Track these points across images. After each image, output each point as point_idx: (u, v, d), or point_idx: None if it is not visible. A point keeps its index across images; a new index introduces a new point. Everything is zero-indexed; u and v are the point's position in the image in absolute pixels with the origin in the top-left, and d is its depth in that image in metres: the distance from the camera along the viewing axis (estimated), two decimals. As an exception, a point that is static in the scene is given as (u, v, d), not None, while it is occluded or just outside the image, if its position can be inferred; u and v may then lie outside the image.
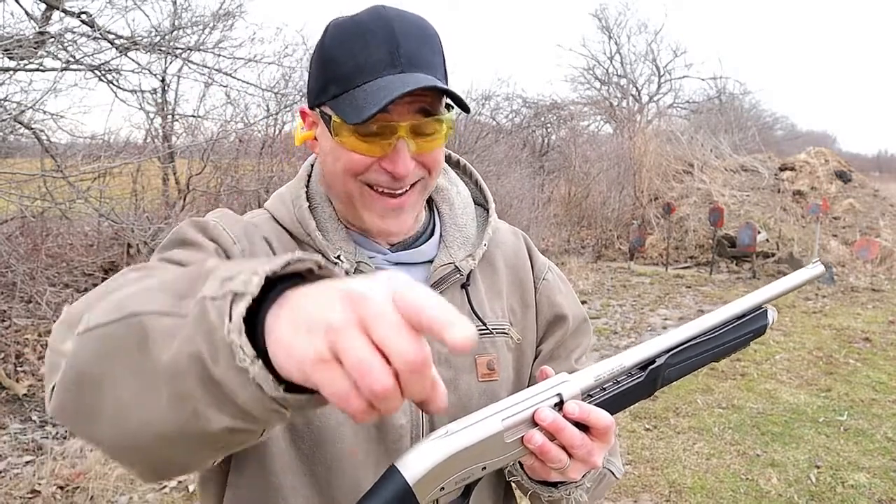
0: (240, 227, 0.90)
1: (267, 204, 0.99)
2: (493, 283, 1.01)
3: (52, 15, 5.14)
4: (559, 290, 1.07)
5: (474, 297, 0.97)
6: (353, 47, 0.82)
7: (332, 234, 0.92)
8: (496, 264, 1.03)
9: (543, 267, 1.08)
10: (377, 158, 0.85)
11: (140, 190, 6.55)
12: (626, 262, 11.10)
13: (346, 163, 0.85)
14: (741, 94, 22.71)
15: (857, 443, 4.20)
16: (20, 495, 3.29)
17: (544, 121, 16.20)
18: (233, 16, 5.99)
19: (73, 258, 5.72)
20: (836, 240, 10.88)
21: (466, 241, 0.99)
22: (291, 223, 0.93)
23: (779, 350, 6.20)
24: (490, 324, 0.97)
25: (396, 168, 0.84)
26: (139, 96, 5.87)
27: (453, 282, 0.95)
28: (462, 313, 0.91)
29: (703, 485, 3.65)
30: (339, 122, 0.83)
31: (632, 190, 12.89)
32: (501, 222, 1.09)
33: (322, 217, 0.94)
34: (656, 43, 26.00)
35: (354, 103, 0.81)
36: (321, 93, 0.86)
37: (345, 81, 0.82)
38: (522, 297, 1.03)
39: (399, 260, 0.95)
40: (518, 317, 1.02)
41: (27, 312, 5.13)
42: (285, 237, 0.93)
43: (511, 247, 1.06)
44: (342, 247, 0.91)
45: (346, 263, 0.89)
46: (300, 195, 0.94)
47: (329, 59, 0.84)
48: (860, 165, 19.78)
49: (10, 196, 4.41)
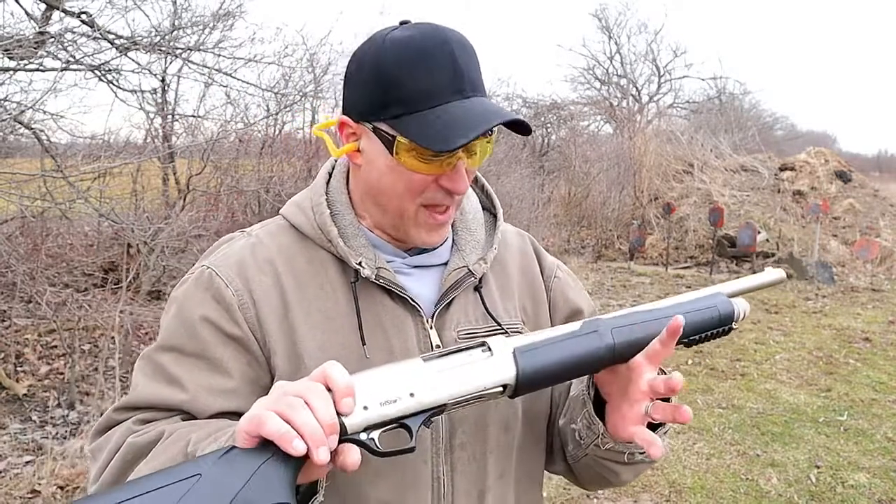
0: (233, 268, 0.93)
1: (283, 211, 1.02)
2: (504, 284, 1.04)
3: (52, 15, 5.14)
4: (571, 287, 1.12)
5: (487, 298, 1.00)
6: (415, 70, 0.84)
7: (352, 241, 0.95)
8: (506, 266, 1.06)
9: (553, 266, 1.12)
10: (436, 177, 0.88)
11: (140, 190, 6.54)
12: (626, 262, 11.10)
13: (407, 183, 0.88)
14: (741, 94, 22.74)
15: (857, 443, 4.20)
16: (20, 495, 3.29)
17: (544, 121, 16.20)
18: (233, 16, 5.99)
19: (73, 258, 5.72)
20: (836, 240, 10.88)
21: (477, 244, 1.02)
22: (312, 230, 0.96)
23: (779, 350, 6.20)
24: (504, 324, 0.99)
25: (458, 187, 0.89)
26: (139, 96, 5.86)
27: (467, 285, 0.99)
28: (477, 314, 0.98)
29: (703, 485, 3.66)
30: (407, 144, 0.85)
31: (632, 190, 12.90)
32: (508, 225, 1.12)
33: (343, 224, 0.96)
34: (656, 43, 26.01)
35: (430, 129, 0.84)
36: (380, 110, 0.87)
37: (410, 104, 0.85)
38: (534, 295, 1.07)
39: (416, 263, 0.98)
40: (530, 315, 1.06)
41: (27, 312, 5.13)
42: (297, 247, 0.96)
43: (518, 248, 1.10)
44: (363, 253, 0.94)
45: (367, 269, 0.92)
46: (321, 202, 0.96)
47: (390, 77, 0.85)
48: (860, 165, 19.77)
49: (10, 196, 4.41)
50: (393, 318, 0.94)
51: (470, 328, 0.98)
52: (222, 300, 0.91)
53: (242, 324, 0.90)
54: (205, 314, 0.90)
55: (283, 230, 0.99)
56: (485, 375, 0.78)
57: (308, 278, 0.94)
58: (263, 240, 0.97)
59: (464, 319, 0.98)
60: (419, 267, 0.99)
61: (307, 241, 0.97)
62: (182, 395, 0.88)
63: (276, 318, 0.91)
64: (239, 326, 0.90)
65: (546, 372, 0.80)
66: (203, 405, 0.88)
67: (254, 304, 0.91)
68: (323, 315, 0.92)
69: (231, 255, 0.96)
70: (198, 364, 0.90)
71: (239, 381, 0.89)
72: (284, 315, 0.91)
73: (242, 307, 0.91)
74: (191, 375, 0.89)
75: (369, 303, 0.94)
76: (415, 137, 0.84)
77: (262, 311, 0.91)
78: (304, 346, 0.90)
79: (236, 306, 0.91)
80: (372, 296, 0.94)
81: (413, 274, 0.98)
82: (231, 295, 0.91)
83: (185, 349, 0.90)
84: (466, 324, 0.98)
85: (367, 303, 0.94)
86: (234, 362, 0.90)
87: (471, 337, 0.96)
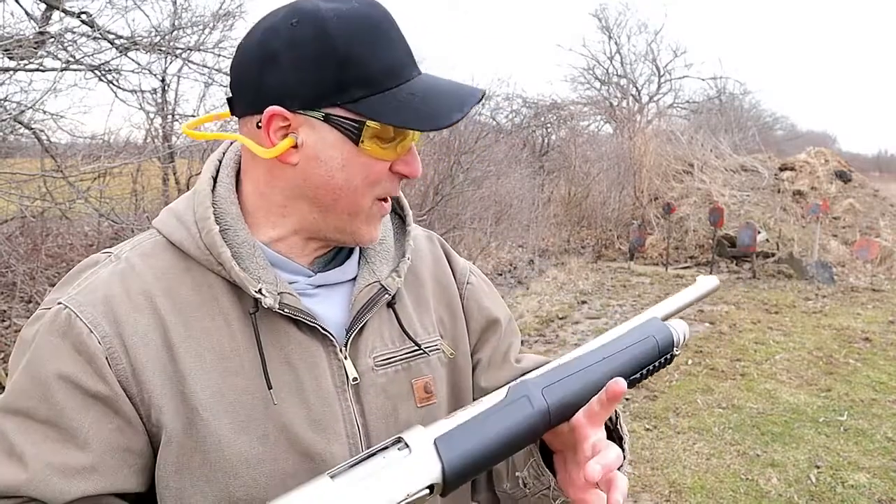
0: (99, 307, 0.75)
1: (157, 222, 0.83)
2: (419, 296, 0.93)
3: (52, 15, 5.14)
4: (485, 293, 1.01)
5: (402, 314, 0.89)
6: (376, 45, 0.75)
7: (248, 262, 0.79)
8: (420, 275, 0.95)
9: (465, 270, 1.01)
10: (389, 163, 0.79)
11: (140, 190, 6.55)
12: (626, 262, 11.10)
13: (366, 174, 0.78)
14: (741, 94, 22.77)
15: (857, 443, 4.20)
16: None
17: (544, 121, 16.20)
18: (233, 16, 5.99)
19: (73, 258, 5.72)
20: (836, 240, 10.88)
21: (387, 254, 0.90)
22: (197, 250, 0.79)
23: (779, 350, 6.20)
24: (423, 342, 0.89)
25: (413, 169, 0.80)
26: (139, 96, 5.86)
27: (380, 303, 0.86)
28: (393, 334, 0.88)
29: (703, 485, 3.66)
30: (378, 128, 0.75)
31: (632, 190, 12.90)
32: (417, 227, 1.00)
33: (236, 242, 0.79)
34: (656, 43, 26.05)
35: (408, 107, 0.75)
36: (335, 94, 0.74)
37: (375, 83, 0.75)
38: (449, 305, 0.96)
39: (321, 282, 0.85)
40: (447, 327, 0.95)
41: (27, 312, 5.13)
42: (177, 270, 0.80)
43: (429, 253, 0.99)
44: (262, 276, 0.78)
45: (268, 298, 0.77)
46: (207, 216, 0.79)
47: (346, 55, 0.73)
48: (860, 165, 19.76)
49: (10, 196, 4.41)
50: (301, 351, 0.80)
51: (387, 352, 0.86)
52: (84, 351, 0.73)
53: (111, 379, 0.73)
54: (61, 371, 0.72)
55: (159, 249, 0.81)
56: (406, 480, 0.65)
57: (194, 310, 0.78)
58: (136, 265, 0.79)
59: (379, 343, 0.86)
60: (325, 285, 0.85)
61: (190, 262, 0.80)
62: (23, 474, 0.70)
63: (157, 366, 0.75)
64: (106, 383, 0.73)
65: (476, 458, 0.68)
66: (55, 489, 0.70)
67: (126, 352, 0.74)
68: (216, 355, 0.77)
69: (96, 289, 0.76)
70: (48, 434, 0.72)
71: (101, 453, 0.73)
72: (169, 360, 0.75)
73: (112, 358, 0.73)
74: (38, 449, 0.71)
75: (272, 336, 0.79)
76: (392, 119, 0.74)
77: (137, 360, 0.74)
78: (196, 397, 0.75)
79: (103, 358, 0.73)
80: (275, 327, 0.79)
81: (318, 294, 0.85)
82: (96, 344, 0.73)
83: (35, 415, 0.72)
84: (383, 347, 0.86)
85: (270, 336, 0.79)
86: (97, 430, 0.73)
87: (387, 362, 0.86)
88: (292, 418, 0.78)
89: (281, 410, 0.78)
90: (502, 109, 15.05)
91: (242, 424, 0.76)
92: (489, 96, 13.43)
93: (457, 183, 8.30)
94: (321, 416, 0.80)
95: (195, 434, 0.75)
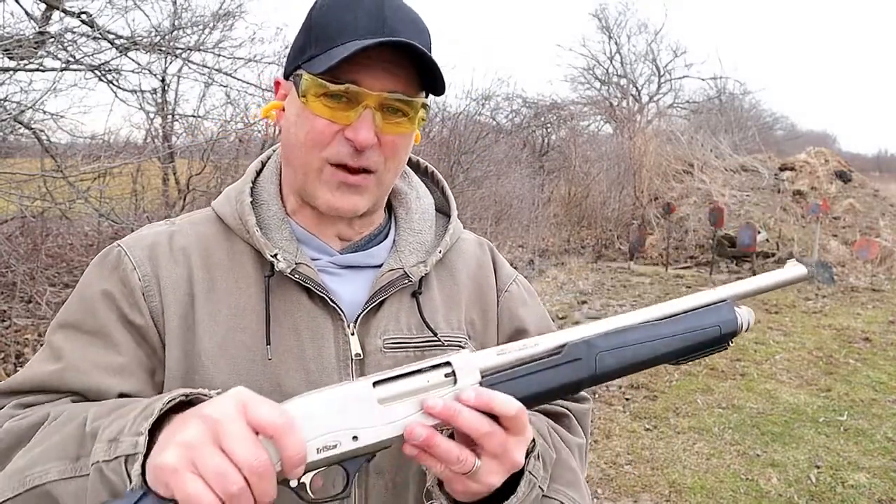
0: (145, 251, 0.87)
1: (214, 202, 0.96)
2: (451, 293, 0.95)
3: (52, 15, 5.14)
4: (523, 303, 1.01)
5: (426, 305, 0.91)
6: (339, 11, 0.80)
7: (274, 233, 0.88)
8: (457, 274, 0.97)
9: (508, 278, 1.02)
10: (341, 128, 0.81)
11: (140, 190, 6.56)
12: (626, 262, 11.10)
13: (310, 130, 0.81)
14: (741, 94, 22.77)
15: (857, 443, 4.20)
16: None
17: (544, 121, 16.21)
18: (233, 16, 5.99)
19: (73, 258, 5.72)
20: (836, 240, 10.88)
21: (420, 247, 0.93)
22: (233, 219, 0.90)
23: (779, 350, 6.20)
24: (442, 334, 0.90)
25: (358, 136, 0.79)
26: (139, 96, 5.87)
27: (401, 288, 0.89)
28: (411, 321, 0.89)
29: (703, 485, 3.65)
30: (309, 79, 0.80)
31: (632, 190, 12.90)
32: (469, 233, 1.04)
33: (266, 215, 0.89)
34: (656, 43, 26.06)
35: (328, 59, 0.78)
36: (298, 55, 0.83)
37: (325, 43, 0.80)
38: (484, 309, 0.98)
39: (345, 263, 0.90)
40: (478, 330, 0.96)
41: (27, 312, 5.13)
42: (218, 238, 0.90)
43: (475, 257, 1.01)
44: (283, 246, 0.86)
45: (282, 263, 0.84)
46: (244, 191, 0.90)
47: (313, 23, 0.82)
48: (860, 165, 19.78)
49: (10, 196, 4.41)
50: (309, 320, 0.85)
51: (399, 337, 0.88)
52: (127, 283, 0.84)
53: (145, 311, 0.83)
54: (106, 290, 0.84)
55: (206, 220, 0.93)
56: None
57: (224, 272, 0.87)
58: (184, 228, 0.91)
59: (393, 326, 0.88)
60: (351, 267, 0.90)
61: (230, 234, 0.90)
62: (59, 364, 0.80)
63: (178, 311, 0.84)
64: (141, 314, 0.83)
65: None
66: (97, 383, 0.79)
67: (159, 292, 0.84)
68: (231, 312, 0.85)
69: (146, 237, 0.89)
70: (93, 342, 0.82)
71: (135, 367, 0.82)
72: (188, 309, 0.84)
73: (147, 295, 0.84)
74: (82, 352, 0.81)
75: (284, 302, 0.86)
76: (311, 68, 0.79)
77: (166, 301, 0.84)
78: (202, 345, 0.82)
79: (140, 292, 0.84)
80: (288, 294, 0.86)
81: (342, 275, 0.89)
82: (136, 280, 0.84)
83: (82, 326, 0.83)
84: (396, 331, 0.88)
85: (281, 300, 0.86)
86: (131, 348, 0.82)
87: (399, 347, 0.87)
88: (288, 379, 0.83)
89: (278, 370, 0.83)
90: (502, 109, 15.08)
91: (240, 377, 0.82)
92: (489, 96, 13.42)
93: (457, 183, 8.31)
94: (318, 383, 0.80)
95: (194, 381, 0.81)
